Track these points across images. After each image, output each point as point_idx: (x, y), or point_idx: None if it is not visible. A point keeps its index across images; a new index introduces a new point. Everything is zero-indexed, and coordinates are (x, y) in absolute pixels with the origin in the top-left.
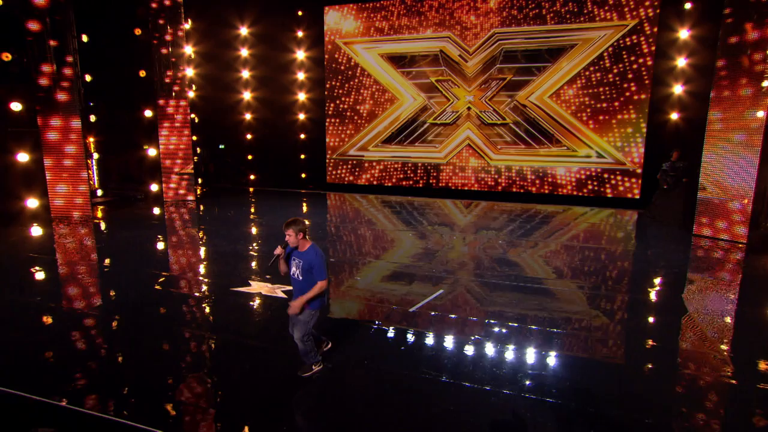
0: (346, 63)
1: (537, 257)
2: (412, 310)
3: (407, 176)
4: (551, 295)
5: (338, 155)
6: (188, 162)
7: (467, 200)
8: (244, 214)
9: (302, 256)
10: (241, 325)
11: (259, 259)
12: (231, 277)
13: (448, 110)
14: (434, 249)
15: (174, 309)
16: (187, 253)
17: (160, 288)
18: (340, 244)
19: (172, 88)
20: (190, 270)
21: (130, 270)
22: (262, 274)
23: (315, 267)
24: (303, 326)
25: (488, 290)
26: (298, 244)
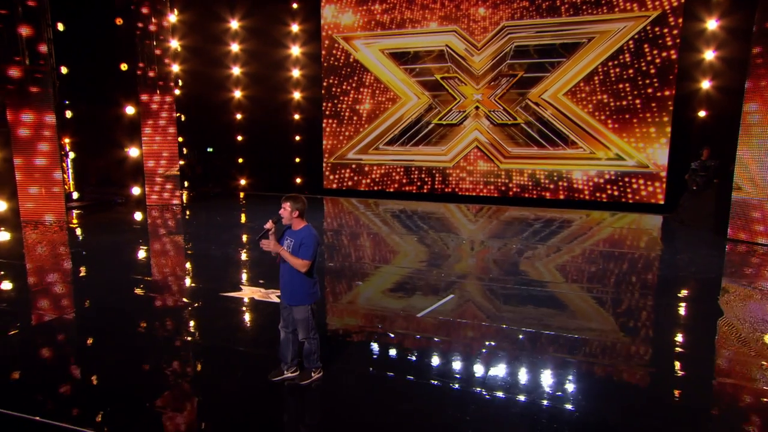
0: (345, 59)
1: (553, 267)
2: (420, 315)
3: (410, 181)
4: (568, 308)
5: (336, 158)
6: (174, 163)
7: (475, 206)
8: (234, 218)
9: (295, 235)
10: (232, 331)
11: (250, 264)
12: (220, 282)
13: (454, 110)
14: (439, 259)
15: (156, 315)
16: (171, 258)
17: (141, 293)
18: (337, 254)
19: (156, 83)
20: (174, 275)
21: (108, 275)
22: (255, 279)
23: (303, 245)
24: (304, 323)
25: (498, 303)
26: (291, 221)
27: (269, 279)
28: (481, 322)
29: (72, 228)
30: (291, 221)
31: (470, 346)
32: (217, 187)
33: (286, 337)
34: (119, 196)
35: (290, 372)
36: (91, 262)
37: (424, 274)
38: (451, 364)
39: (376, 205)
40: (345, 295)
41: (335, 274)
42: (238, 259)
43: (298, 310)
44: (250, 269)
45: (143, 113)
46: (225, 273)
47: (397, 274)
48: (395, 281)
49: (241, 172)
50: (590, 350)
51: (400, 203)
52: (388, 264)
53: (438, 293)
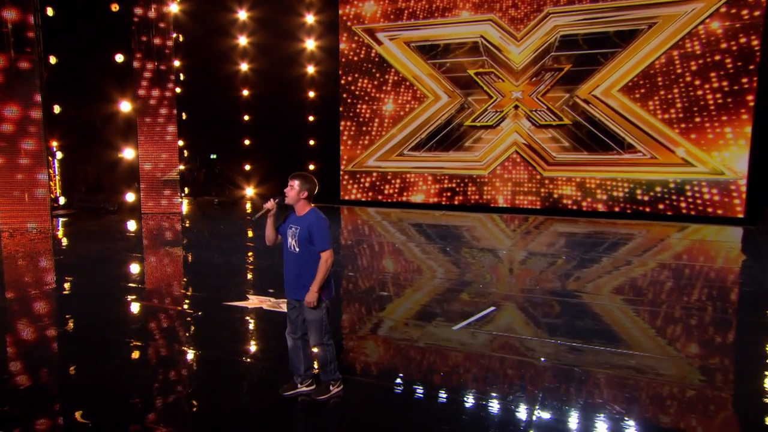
0: (366, 54)
1: (610, 290)
2: (455, 328)
3: (439, 191)
4: (626, 343)
5: (354, 166)
6: (173, 166)
7: (515, 220)
8: (239, 227)
9: (300, 221)
10: (236, 342)
11: (258, 272)
12: (223, 291)
13: (489, 110)
14: (472, 280)
15: (150, 326)
16: (167, 266)
17: (133, 303)
18: (353, 273)
19: (155, 77)
20: (171, 283)
21: (98, 283)
22: (263, 288)
23: (315, 233)
24: (318, 325)
25: (542, 334)
26: (297, 203)
27: (280, 288)
28: (523, 352)
29: (56, 236)
30: (297, 203)
31: (509, 377)
32: (220, 196)
33: (295, 344)
34: (110, 203)
35: (305, 386)
36: (78, 271)
37: (454, 298)
38: (489, 387)
39: (400, 218)
40: (366, 306)
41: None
42: (243, 267)
43: (309, 310)
44: (257, 277)
45: (140, 110)
46: (229, 282)
47: (420, 301)
48: (423, 301)
49: (248, 179)
50: (653, 395)
51: (427, 216)
52: (411, 286)
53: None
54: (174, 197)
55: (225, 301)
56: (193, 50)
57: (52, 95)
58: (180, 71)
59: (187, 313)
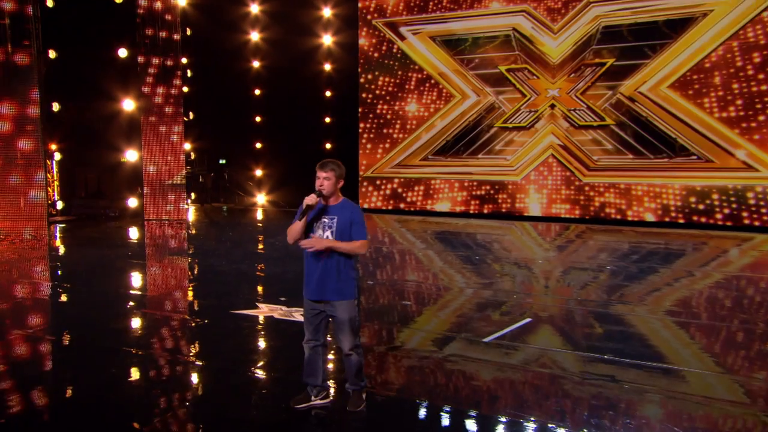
0: (387, 50)
1: (661, 308)
2: (486, 340)
3: (467, 198)
4: (678, 365)
5: (374, 171)
6: (178, 169)
7: (551, 230)
8: (249, 233)
9: (337, 211)
10: (243, 352)
11: (269, 280)
12: (231, 299)
13: (523, 110)
14: (503, 298)
15: (150, 334)
16: (171, 273)
17: (132, 311)
18: (371, 289)
19: (160, 73)
20: (174, 291)
21: (95, 291)
22: (274, 296)
23: (357, 223)
24: (352, 324)
25: (583, 350)
26: (332, 194)
27: (292, 295)
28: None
29: (53, 243)
30: (333, 192)
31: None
32: (230, 203)
33: (314, 352)
34: (112, 209)
35: (319, 398)
36: (73, 278)
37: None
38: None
39: (424, 228)
40: (388, 317)
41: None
42: (253, 275)
43: (344, 307)
44: (268, 285)
45: (144, 109)
46: (237, 289)
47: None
48: (449, 313)
49: (259, 186)
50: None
51: (453, 226)
52: (436, 298)
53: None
54: (180, 203)
55: (232, 309)
56: (202, 46)
57: (51, 92)
58: (187, 68)
59: (190, 322)
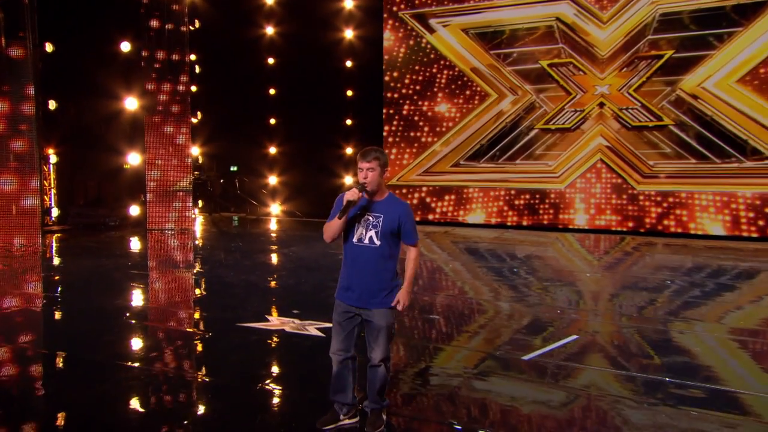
0: (415, 45)
1: (727, 337)
2: (526, 358)
3: (504, 208)
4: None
5: (400, 179)
6: (184, 174)
7: (599, 242)
8: (261, 244)
9: (383, 208)
10: (250, 367)
11: (280, 292)
12: (238, 311)
13: (567, 109)
14: (545, 321)
15: (145, 346)
16: (172, 284)
17: (128, 322)
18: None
19: (166, 68)
20: (175, 302)
21: (88, 302)
22: (286, 308)
23: (407, 223)
24: (387, 333)
25: (639, 397)
26: (377, 187)
27: (306, 308)
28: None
29: (46, 252)
30: (378, 187)
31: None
32: (241, 212)
33: (344, 366)
34: (112, 218)
35: (348, 417)
36: (66, 288)
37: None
38: None
39: (455, 241)
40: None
41: None
42: (264, 286)
43: (383, 314)
44: (280, 297)
45: (148, 108)
46: (245, 301)
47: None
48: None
49: (274, 194)
50: None
51: (489, 239)
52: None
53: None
54: (185, 211)
55: (239, 322)
56: (211, 40)
57: (48, 88)
58: (195, 64)
59: (192, 335)
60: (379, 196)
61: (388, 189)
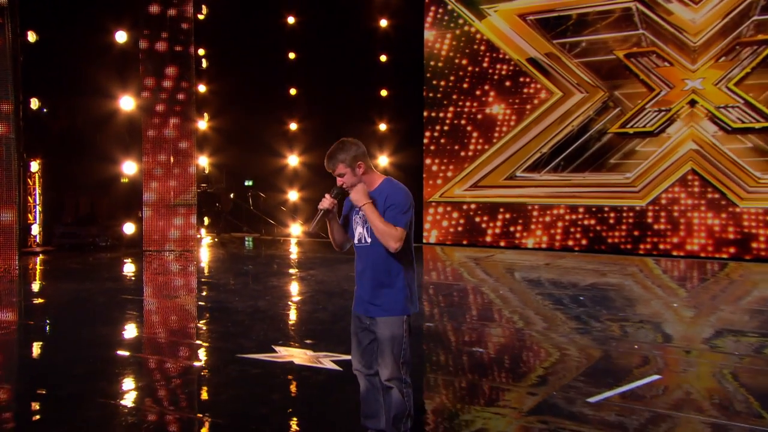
0: (461, 34)
1: None
2: (592, 400)
3: (569, 228)
4: None
5: (443, 195)
6: (188, 186)
7: (691, 270)
8: (276, 267)
9: (373, 198)
10: (247, 404)
11: (292, 319)
12: (240, 340)
13: (649, 108)
14: (617, 358)
15: (126, 379)
16: (166, 309)
17: (109, 351)
18: (435, 352)
19: (168, 62)
20: (163, 330)
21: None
22: (299, 337)
23: (391, 206)
24: (390, 344)
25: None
26: (359, 182)
27: (322, 338)
28: None
29: (24, 275)
30: (357, 183)
31: None
32: (255, 232)
33: (371, 384)
34: (103, 237)
35: None
36: (42, 314)
37: (593, 364)
38: None
39: (509, 267)
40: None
41: None
42: (273, 313)
43: (385, 324)
44: (292, 326)
45: (146, 108)
46: (249, 330)
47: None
48: (543, 365)
49: (294, 213)
50: None
51: (552, 266)
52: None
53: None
54: (188, 229)
55: (239, 353)
56: (221, 31)
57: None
58: (202, 59)
59: (181, 367)
60: (369, 186)
61: (384, 175)
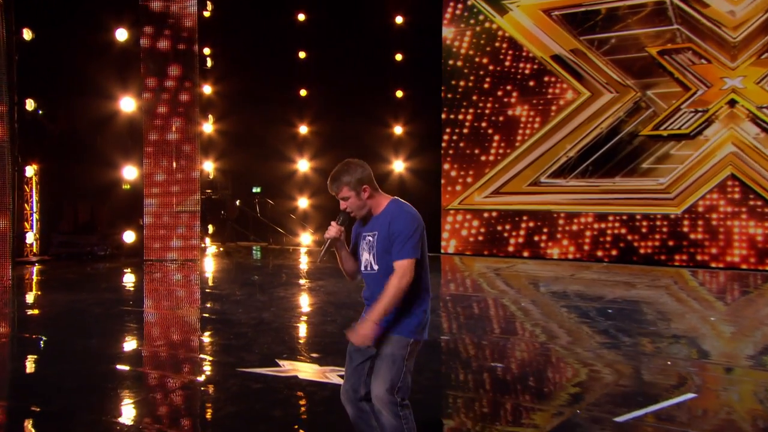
0: (482, 31)
1: None
2: (620, 419)
3: (598, 238)
4: None
5: (463, 201)
6: (192, 191)
7: (732, 283)
8: (282, 277)
9: (378, 222)
10: (247, 422)
11: (300, 332)
12: (242, 353)
13: (685, 109)
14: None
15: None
16: (164, 320)
17: (101, 364)
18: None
19: (171, 61)
20: (158, 342)
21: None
22: (305, 351)
23: (396, 235)
24: (390, 368)
25: None
26: (365, 208)
27: (329, 351)
28: None
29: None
30: (364, 207)
31: None
32: (262, 240)
33: (358, 408)
34: (102, 246)
35: None
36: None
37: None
38: None
39: (533, 279)
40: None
41: None
42: (279, 325)
43: (388, 341)
44: (298, 339)
45: (148, 109)
46: (252, 343)
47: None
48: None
49: (305, 221)
50: None
51: (579, 278)
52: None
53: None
54: (191, 237)
55: (240, 366)
56: (227, 29)
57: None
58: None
59: (175, 381)
60: (375, 209)
61: (390, 196)
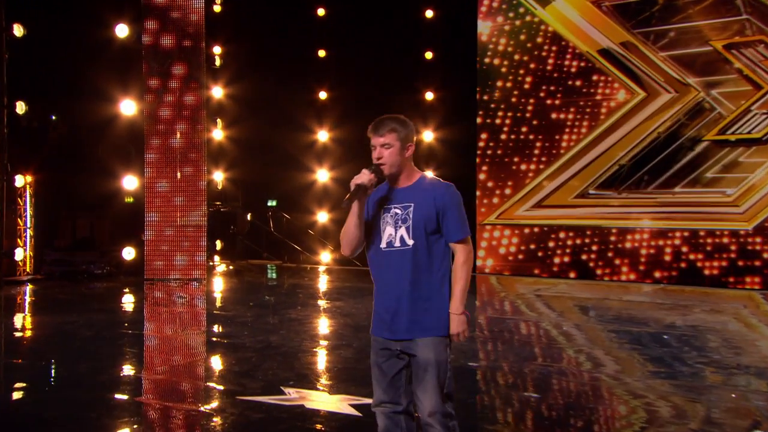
0: (520, 25)
1: None
2: None
3: (655, 257)
4: None
5: (501, 215)
6: (198, 203)
7: None
8: (296, 297)
9: (412, 195)
10: None
11: (310, 356)
12: (244, 380)
13: (756, 111)
14: (709, 408)
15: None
16: (156, 345)
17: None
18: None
19: (176, 60)
20: (154, 366)
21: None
22: (314, 377)
23: (448, 210)
24: (437, 372)
25: None
26: (402, 168)
27: (342, 378)
28: None
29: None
30: (402, 167)
31: None
32: (276, 258)
33: (393, 423)
34: (99, 264)
35: None
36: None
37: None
38: None
39: (579, 303)
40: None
41: None
42: (287, 350)
43: (429, 345)
44: (307, 364)
45: (150, 112)
46: (257, 368)
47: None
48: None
49: (325, 238)
50: None
51: (634, 302)
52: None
53: None
54: (197, 253)
55: (241, 395)
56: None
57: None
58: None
59: (169, 410)
60: (405, 180)
61: (422, 171)
